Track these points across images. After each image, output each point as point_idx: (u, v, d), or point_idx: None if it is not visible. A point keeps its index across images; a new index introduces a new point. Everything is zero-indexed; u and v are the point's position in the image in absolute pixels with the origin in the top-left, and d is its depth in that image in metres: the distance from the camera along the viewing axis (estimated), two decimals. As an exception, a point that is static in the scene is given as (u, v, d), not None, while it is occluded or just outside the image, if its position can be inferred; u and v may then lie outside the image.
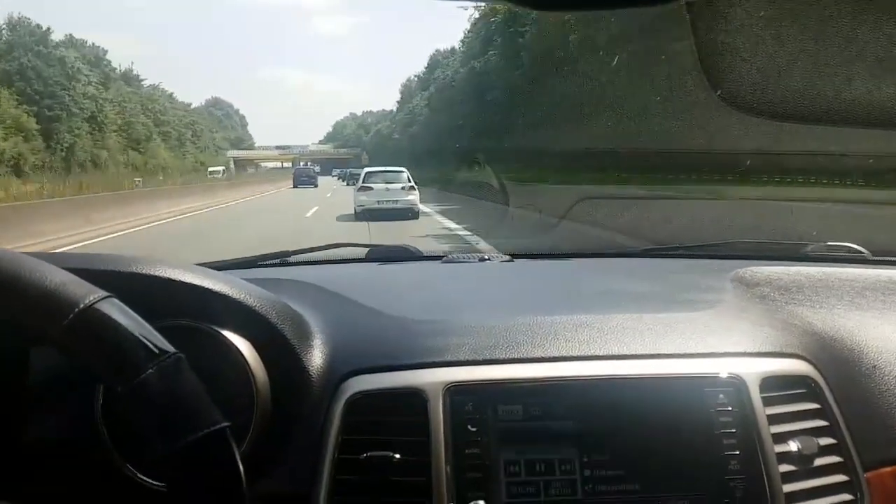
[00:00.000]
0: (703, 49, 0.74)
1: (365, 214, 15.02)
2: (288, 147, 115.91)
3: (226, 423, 0.59)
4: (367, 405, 0.87)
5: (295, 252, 1.60)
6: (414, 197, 15.56)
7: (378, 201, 15.31)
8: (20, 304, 0.59)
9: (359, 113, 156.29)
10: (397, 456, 0.83)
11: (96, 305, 0.59)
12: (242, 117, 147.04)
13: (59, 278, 0.60)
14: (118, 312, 0.60)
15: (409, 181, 15.73)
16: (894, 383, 0.97)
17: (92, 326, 0.59)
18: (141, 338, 0.59)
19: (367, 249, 1.66)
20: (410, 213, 15.18)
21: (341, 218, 15.87)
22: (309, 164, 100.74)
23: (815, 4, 0.70)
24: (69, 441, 0.83)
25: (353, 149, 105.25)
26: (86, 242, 12.05)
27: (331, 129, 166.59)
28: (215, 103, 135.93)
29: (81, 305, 0.58)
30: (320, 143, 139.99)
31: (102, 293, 0.60)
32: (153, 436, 0.58)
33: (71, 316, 0.58)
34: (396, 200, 15.37)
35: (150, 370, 0.58)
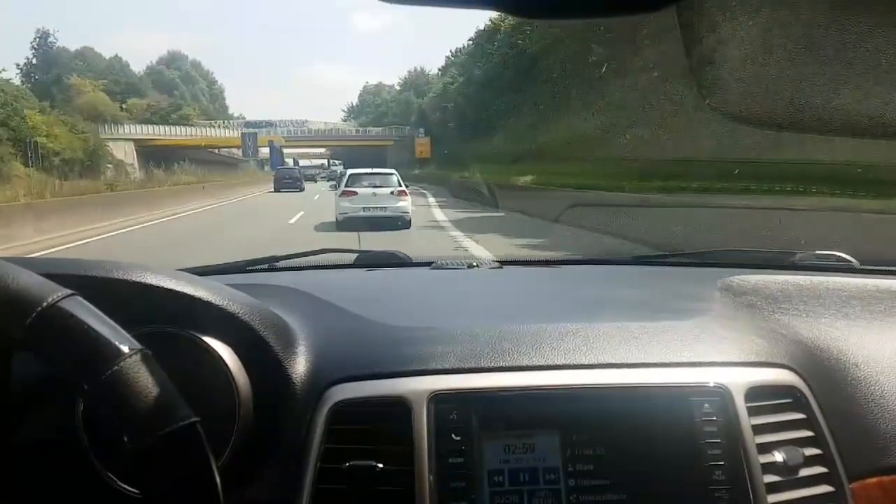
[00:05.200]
0: (693, 58, 0.74)
1: (348, 224, 13.25)
2: (271, 124, 70.88)
3: (195, 419, 0.59)
4: (350, 414, 0.86)
5: (283, 257, 1.59)
6: (405, 203, 13.80)
7: (364, 208, 13.48)
8: None
9: (393, 84, 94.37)
10: (381, 465, 0.82)
11: (59, 304, 0.58)
12: (213, 83, 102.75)
13: (22, 279, 0.59)
14: (81, 310, 0.59)
15: (400, 184, 14.04)
16: (880, 394, 0.97)
17: (55, 325, 0.58)
18: (105, 335, 0.58)
19: (356, 255, 1.66)
20: (401, 222, 13.49)
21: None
22: (334, 163, 65.69)
23: (804, 15, 0.70)
24: (50, 446, 0.82)
25: (397, 127, 63.55)
26: None
27: (356, 102, 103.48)
28: (171, 60, 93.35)
29: (44, 304, 0.58)
30: (343, 120, 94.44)
31: (66, 291, 0.60)
32: (122, 433, 0.57)
33: (34, 315, 0.57)
34: (385, 207, 13.54)
35: (116, 367, 0.57)
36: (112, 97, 61.27)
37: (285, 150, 68.00)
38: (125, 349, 0.58)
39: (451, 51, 63.45)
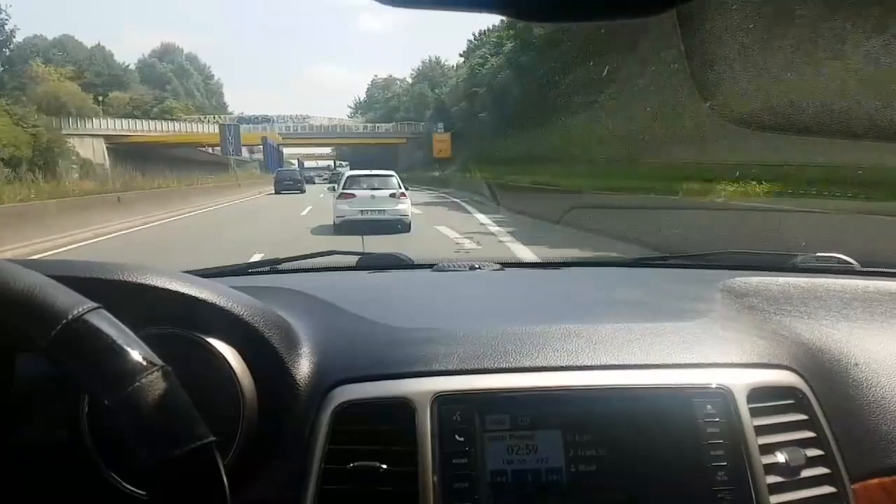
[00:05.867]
0: (693, 62, 0.74)
1: (345, 227, 13.00)
2: (268, 119, 65.72)
3: (212, 438, 0.59)
4: (354, 414, 0.87)
5: (285, 259, 1.60)
6: (404, 206, 13.45)
7: (361, 211, 13.16)
8: (6, 313, 0.58)
9: (404, 77, 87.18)
10: (384, 466, 0.83)
11: (85, 317, 0.58)
12: (210, 77, 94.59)
13: (47, 288, 0.59)
14: (106, 324, 0.60)
15: (399, 187, 13.73)
16: (881, 395, 0.97)
17: (80, 338, 0.58)
18: (129, 350, 0.59)
19: (358, 257, 1.66)
20: (400, 225, 13.12)
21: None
22: (340, 164, 59.07)
23: (803, 20, 0.70)
24: (54, 447, 0.82)
25: (410, 123, 58.01)
26: None
27: (364, 98, 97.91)
28: (164, 53, 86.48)
29: (70, 316, 0.58)
30: (349, 117, 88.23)
31: (91, 304, 0.60)
32: (138, 448, 0.57)
33: (59, 327, 0.57)
34: (383, 210, 13.24)
35: (137, 383, 0.57)
36: (92, 90, 55.44)
37: (286, 151, 62.19)
38: (147, 365, 0.59)
39: (473, 34, 54.70)
